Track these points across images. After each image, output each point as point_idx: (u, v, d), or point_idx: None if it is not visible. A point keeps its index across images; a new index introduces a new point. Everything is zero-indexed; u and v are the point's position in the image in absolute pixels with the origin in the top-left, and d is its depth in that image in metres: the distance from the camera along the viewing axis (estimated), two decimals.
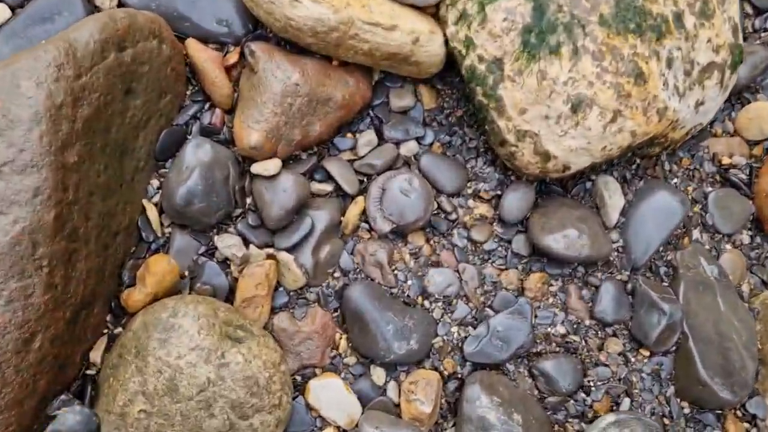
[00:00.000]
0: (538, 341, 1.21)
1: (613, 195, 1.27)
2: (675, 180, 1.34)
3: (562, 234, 1.20)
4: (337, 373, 1.17)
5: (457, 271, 1.22)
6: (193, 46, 1.17)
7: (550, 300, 1.24)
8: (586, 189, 1.29)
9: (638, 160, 1.32)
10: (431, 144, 1.27)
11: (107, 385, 1.04)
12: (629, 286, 1.25)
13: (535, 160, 1.17)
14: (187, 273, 1.14)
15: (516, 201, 1.24)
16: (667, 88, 1.16)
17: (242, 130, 1.13)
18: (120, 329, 1.10)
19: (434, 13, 1.22)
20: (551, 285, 1.24)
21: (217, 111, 1.18)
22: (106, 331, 1.10)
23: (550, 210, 1.24)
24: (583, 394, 1.19)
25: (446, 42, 1.19)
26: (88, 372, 1.07)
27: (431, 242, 1.24)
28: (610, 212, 1.26)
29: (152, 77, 1.09)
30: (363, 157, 1.23)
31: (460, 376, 1.18)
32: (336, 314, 1.19)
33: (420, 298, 1.20)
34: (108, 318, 1.10)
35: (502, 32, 1.12)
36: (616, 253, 1.27)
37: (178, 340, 1.01)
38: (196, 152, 1.12)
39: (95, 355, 1.07)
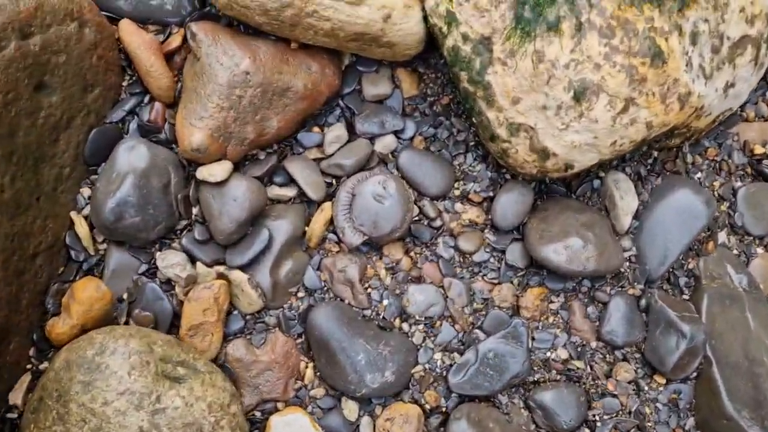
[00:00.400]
0: (535, 368, 1.04)
1: (625, 195, 1.08)
2: (699, 174, 1.15)
3: (563, 244, 1.02)
4: (302, 408, 1.01)
5: (442, 287, 1.05)
6: (125, 28, 0.99)
7: (551, 319, 1.07)
8: (594, 188, 1.11)
9: (655, 153, 1.13)
10: (412, 138, 1.09)
11: None
12: (643, 301, 1.08)
13: (531, 158, 0.99)
14: (125, 296, 0.98)
15: (511, 204, 1.06)
16: (690, 69, 0.97)
17: (184, 128, 0.96)
18: (46, 364, 0.95)
19: None
20: (552, 302, 1.07)
21: (157, 105, 1.01)
22: (29, 366, 0.95)
23: (550, 214, 1.06)
24: (587, 430, 1.03)
25: (426, 18, 1.00)
26: (9, 415, 0.92)
27: (411, 254, 1.06)
28: (622, 216, 1.08)
29: (72, 68, 0.92)
30: (331, 155, 1.05)
31: (444, 409, 1.02)
32: (300, 340, 1.03)
33: (398, 321, 1.04)
34: (31, 352, 0.95)
35: (490, 5, 0.93)
36: (628, 263, 1.09)
37: (105, 383, 0.86)
38: (129, 156, 0.95)
39: (15, 397, 0.92)
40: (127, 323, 0.97)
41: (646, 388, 1.05)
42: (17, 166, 0.86)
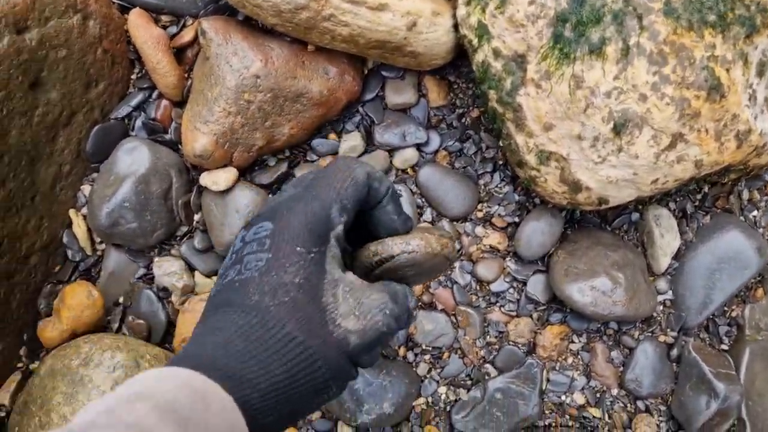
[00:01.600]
0: (547, 412, 0.97)
1: (666, 233, 0.98)
2: (755, 212, 1.03)
3: (590, 284, 0.93)
4: (296, 428, 0.97)
5: (455, 315, 0.98)
6: (133, 21, 0.93)
7: (570, 360, 0.98)
8: (632, 221, 1.00)
9: (706, 188, 1.01)
10: (436, 152, 1.01)
11: None
12: (675, 350, 0.98)
13: (561, 190, 0.89)
14: (121, 300, 0.95)
15: (537, 233, 0.97)
16: (754, 103, 0.85)
17: (188, 132, 0.91)
18: (37, 364, 0.93)
19: None
20: (572, 342, 0.98)
21: (164, 103, 0.95)
22: (20, 365, 0.93)
23: (580, 247, 0.97)
24: None
25: (457, 26, 0.90)
26: None
27: None
28: (660, 256, 0.98)
29: (73, 64, 0.87)
30: None
31: None
32: None
33: (402, 349, 0.97)
34: (22, 351, 0.93)
35: (527, 20, 0.83)
36: (662, 308, 0.99)
37: (87, 398, 0.83)
38: (128, 158, 0.90)
39: (3, 397, 0.91)
40: (120, 329, 0.94)
41: None
42: (10, 167, 0.82)
